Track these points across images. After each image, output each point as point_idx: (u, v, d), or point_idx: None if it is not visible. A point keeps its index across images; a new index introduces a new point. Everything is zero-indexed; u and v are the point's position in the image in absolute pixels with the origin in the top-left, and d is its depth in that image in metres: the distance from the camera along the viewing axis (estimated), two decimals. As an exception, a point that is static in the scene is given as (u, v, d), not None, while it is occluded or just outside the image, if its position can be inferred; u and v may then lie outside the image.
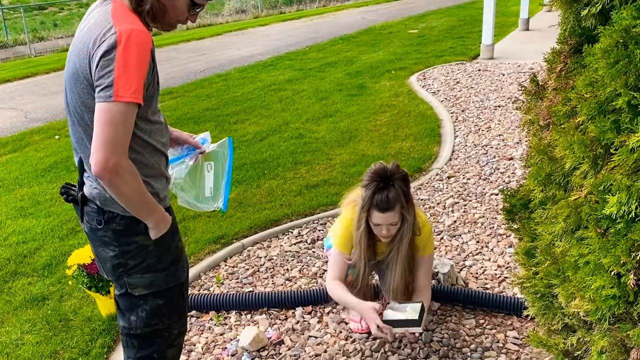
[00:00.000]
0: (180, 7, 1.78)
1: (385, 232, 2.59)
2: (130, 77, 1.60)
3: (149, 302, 1.93)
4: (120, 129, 1.61)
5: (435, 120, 6.57)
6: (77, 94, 1.72)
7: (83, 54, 1.67)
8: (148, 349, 2.01)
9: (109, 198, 1.76)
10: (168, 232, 1.88)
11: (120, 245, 1.83)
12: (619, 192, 1.47)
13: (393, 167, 2.56)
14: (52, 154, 6.33)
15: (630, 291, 1.47)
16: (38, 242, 4.18)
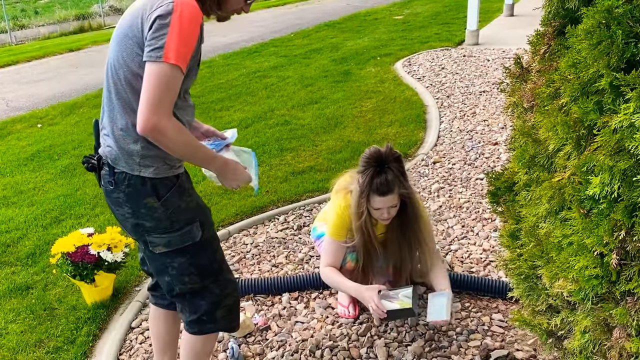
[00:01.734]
0: (235, 1, 1.91)
1: (386, 215, 2.60)
2: (180, 43, 1.69)
3: (174, 261, 1.99)
4: (164, 89, 1.69)
5: (420, 106, 6.57)
6: (120, 52, 1.80)
7: (137, 15, 1.76)
8: (195, 311, 2.08)
9: (119, 156, 1.86)
10: (176, 192, 1.92)
11: (132, 206, 1.90)
12: (601, 173, 1.48)
13: (387, 149, 2.56)
14: (34, 142, 6.26)
15: (612, 271, 1.49)
16: (21, 231, 4.14)
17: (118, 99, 1.84)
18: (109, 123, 1.89)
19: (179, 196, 1.93)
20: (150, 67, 1.70)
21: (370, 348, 2.73)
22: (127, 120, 1.83)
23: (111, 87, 1.86)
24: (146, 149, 1.84)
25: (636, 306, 1.49)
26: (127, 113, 1.83)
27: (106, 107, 1.92)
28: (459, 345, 2.70)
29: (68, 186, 4.94)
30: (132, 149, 1.85)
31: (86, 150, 5.85)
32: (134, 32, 1.77)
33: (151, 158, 1.86)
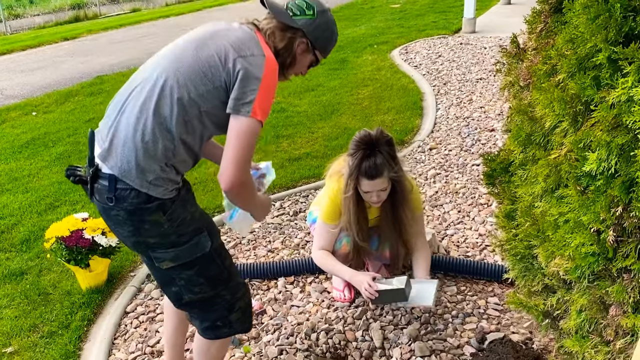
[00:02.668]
0: (305, 62, 2.02)
1: (375, 198, 2.58)
2: (266, 100, 1.78)
3: (182, 273, 1.92)
4: (249, 146, 1.77)
5: (417, 94, 6.54)
6: (189, 81, 1.78)
7: (220, 54, 1.79)
8: (209, 318, 2.02)
9: (132, 169, 1.75)
10: (180, 204, 1.85)
11: (134, 223, 1.81)
12: (598, 149, 1.46)
13: (377, 132, 2.53)
14: (29, 130, 6.22)
15: (609, 247, 1.47)
16: (16, 217, 4.11)
17: (156, 113, 1.77)
18: (131, 131, 1.77)
19: (183, 207, 1.86)
20: (237, 122, 1.76)
21: (366, 331, 2.72)
22: (159, 138, 1.77)
23: (152, 98, 1.78)
24: (164, 172, 1.80)
25: (632, 283, 1.48)
26: (160, 131, 1.77)
27: (129, 114, 1.80)
28: (455, 328, 2.70)
29: (63, 173, 4.90)
30: (150, 167, 1.77)
31: (81, 137, 5.82)
32: (215, 72, 1.78)
33: (163, 180, 1.80)
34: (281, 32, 1.92)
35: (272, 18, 1.94)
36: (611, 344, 1.65)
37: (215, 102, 1.80)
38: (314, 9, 1.96)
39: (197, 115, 1.81)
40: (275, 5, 1.97)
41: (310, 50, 1.99)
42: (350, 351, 2.64)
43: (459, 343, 2.60)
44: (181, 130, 1.79)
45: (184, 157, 1.84)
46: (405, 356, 2.55)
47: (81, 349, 2.77)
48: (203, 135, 1.88)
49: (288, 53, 1.94)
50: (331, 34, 2.03)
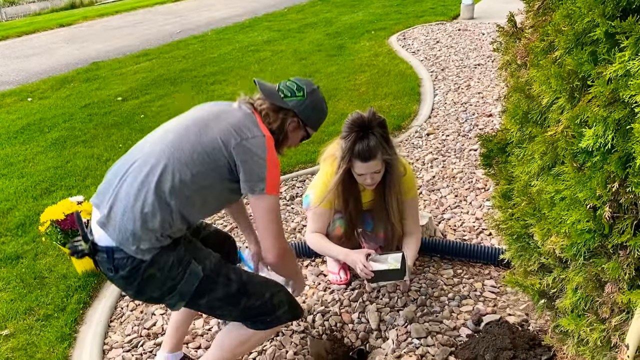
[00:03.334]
0: (297, 138, 2.18)
1: (369, 180, 2.55)
2: (275, 174, 1.92)
3: (197, 305, 2.02)
4: (276, 218, 1.95)
5: (415, 79, 6.51)
6: (191, 164, 1.87)
7: (224, 138, 1.88)
8: (253, 324, 2.08)
9: (128, 237, 1.83)
10: (163, 252, 1.89)
11: (134, 285, 1.91)
12: (595, 124, 1.45)
13: (370, 114, 2.50)
14: (24, 116, 6.19)
15: (605, 224, 1.47)
16: (11, 202, 4.10)
17: (157, 188, 1.85)
18: (131, 201, 1.85)
19: (167, 253, 1.91)
20: (258, 202, 1.92)
21: (362, 313, 2.72)
22: (158, 211, 1.84)
23: (154, 173, 1.86)
24: (159, 241, 1.88)
25: (628, 259, 1.47)
26: (160, 205, 1.85)
27: (130, 184, 1.87)
28: (451, 310, 2.70)
29: (58, 158, 4.90)
30: (146, 236, 1.85)
31: (77, 123, 5.80)
32: (217, 154, 1.88)
33: (156, 248, 1.88)
34: (274, 113, 2.05)
35: (265, 99, 2.07)
36: (607, 321, 1.64)
37: (217, 181, 1.92)
38: (304, 90, 2.10)
39: (198, 192, 1.91)
40: (267, 88, 2.11)
41: (302, 127, 2.15)
42: (347, 333, 2.65)
43: (455, 325, 2.60)
44: (181, 205, 1.88)
45: (180, 227, 1.93)
46: (402, 337, 2.55)
47: (77, 331, 2.77)
48: (203, 210, 2.01)
49: (281, 132, 2.08)
50: (320, 111, 2.18)
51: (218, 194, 1.98)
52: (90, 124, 5.77)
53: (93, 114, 6.07)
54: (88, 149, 5.08)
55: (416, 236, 2.79)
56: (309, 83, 2.15)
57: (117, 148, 5.05)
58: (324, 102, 2.20)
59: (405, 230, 2.75)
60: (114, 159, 4.77)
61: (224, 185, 1.94)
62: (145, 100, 6.45)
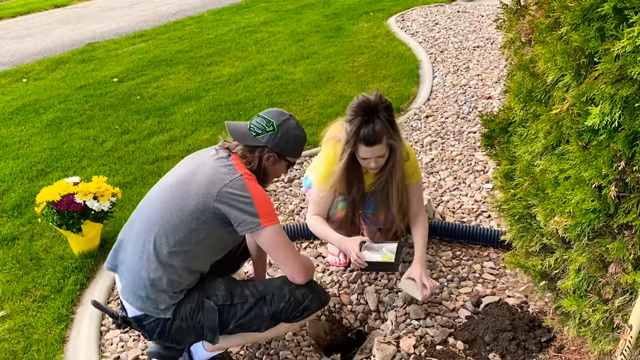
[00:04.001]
0: (280, 169, 2.21)
1: (373, 164, 2.51)
2: (266, 205, 1.98)
3: (231, 330, 2.10)
4: (285, 244, 2.04)
5: (413, 61, 6.46)
6: (180, 225, 1.96)
7: (206, 195, 1.95)
8: (289, 321, 2.14)
9: (148, 307, 2.00)
10: (181, 303, 2.03)
11: (169, 341, 2.07)
12: (602, 102, 1.42)
13: (376, 98, 2.44)
14: (19, 97, 6.12)
15: (610, 203, 1.44)
16: (7, 183, 4.06)
17: (157, 254, 1.97)
18: (136, 271, 2.00)
19: (184, 304, 2.03)
20: (261, 238, 1.99)
21: (361, 294, 2.71)
22: (163, 274, 1.97)
23: (149, 240, 1.99)
24: (173, 298, 2.00)
25: (633, 239, 1.45)
26: (163, 267, 1.98)
27: (132, 255, 2.02)
28: (450, 291, 2.69)
29: (54, 140, 4.85)
30: (160, 297, 1.99)
31: (72, 104, 5.74)
32: (204, 208, 1.95)
33: (173, 305, 2.01)
34: (249, 154, 2.10)
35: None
36: (610, 302, 1.63)
37: (213, 231, 1.99)
38: (274, 124, 2.11)
39: (197, 245, 1.99)
40: (237, 131, 2.13)
41: (281, 158, 2.17)
42: (345, 314, 2.63)
43: (454, 306, 2.59)
44: (184, 262, 1.98)
45: (191, 280, 2.04)
46: (400, 319, 2.54)
47: (74, 312, 2.75)
48: (210, 256, 2.09)
49: (259, 170, 2.12)
50: (295, 139, 2.18)
51: (220, 239, 2.06)
52: (86, 105, 5.71)
53: (89, 95, 6.01)
54: (84, 130, 5.03)
55: (423, 221, 2.73)
56: (279, 115, 2.16)
57: (114, 129, 5.00)
58: (298, 129, 2.19)
59: (411, 212, 2.72)
60: (110, 140, 4.76)
61: (222, 232, 2.01)
62: (142, 81, 6.38)
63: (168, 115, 5.28)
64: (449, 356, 2.28)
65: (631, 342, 1.48)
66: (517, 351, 2.27)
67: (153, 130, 4.92)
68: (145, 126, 5.04)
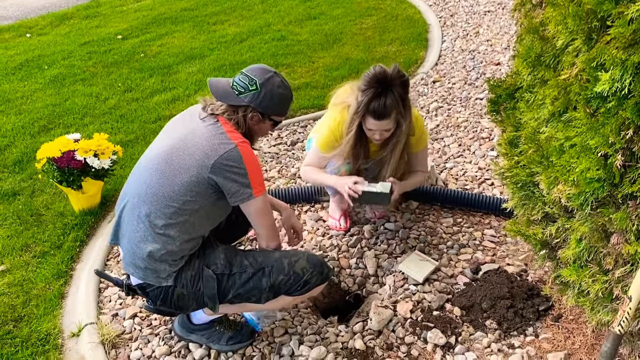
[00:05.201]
0: (265, 129, 2.15)
1: (378, 136, 2.48)
2: (257, 176, 1.96)
3: (231, 302, 2.09)
4: (267, 214, 2.06)
5: (422, 25, 6.33)
6: (174, 194, 1.93)
7: (199, 163, 1.91)
8: (289, 294, 2.10)
9: (149, 276, 2.00)
10: (182, 269, 2.02)
11: (172, 307, 2.08)
12: (612, 68, 1.38)
13: (394, 71, 2.35)
14: (22, 52, 6.04)
15: (616, 172, 1.41)
16: (8, 139, 4.04)
17: (152, 225, 1.95)
18: (135, 243, 1.99)
19: (185, 271, 2.02)
20: (249, 207, 1.99)
21: (360, 259, 2.70)
22: (160, 245, 1.96)
23: (142, 211, 1.97)
24: (173, 266, 2.00)
25: (637, 210, 1.42)
26: (161, 238, 1.96)
27: (129, 228, 2.02)
28: (449, 258, 2.68)
29: (57, 96, 4.80)
30: (160, 267, 1.99)
31: (76, 60, 5.67)
32: (199, 182, 1.92)
33: (174, 272, 2.01)
34: (234, 113, 2.03)
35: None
36: (610, 272, 1.61)
37: (209, 200, 1.97)
38: (256, 82, 2.02)
39: (193, 214, 1.96)
40: (219, 89, 2.05)
41: (266, 118, 2.09)
42: (344, 277, 2.63)
43: (453, 272, 2.58)
44: (181, 231, 1.96)
45: (190, 247, 2.02)
46: (399, 284, 2.54)
47: (73, 269, 2.76)
48: (208, 223, 2.06)
49: (245, 128, 2.05)
50: (279, 98, 2.08)
51: (216, 208, 2.02)
52: (89, 62, 5.64)
53: (92, 52, 5.93)
54: (87, 87, 4.98)
55: (419, 174, 2.75)
56: (262, 72, 2.05)
57: (116, 87, 4.95)
58: (283, 87, 2.08)
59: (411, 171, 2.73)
60: (112, 98, 4.71)
61: (217, 201, 1.99)
62: (146, 39, 6.29)
63: (172, 74, 5.21)
64: (445, 322, 2.28)
65: (629, 313, 1.47)
66: (514, 319, 2.27)
67: (156, 89, 4.86)
68: (149, 84, 4.98)
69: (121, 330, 2.38)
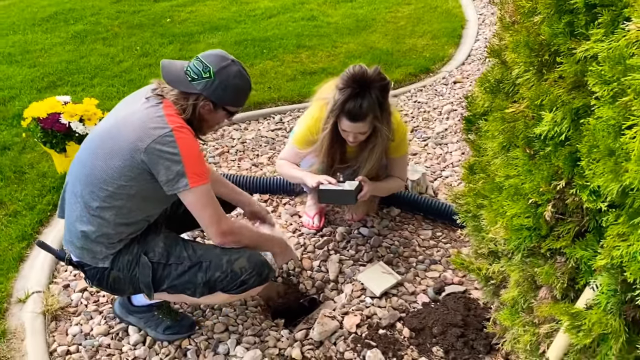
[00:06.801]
0: (217, 119, 2.02)
1: (352, 138, 2.39)
2: (196, 164, 1.85)
3: (165, 291, 2.04)
4: (208, 205, 1.92)
5: (460, 20, 6.10)
6: (117, 168, 1.85)
7: (133, 147, 1.82)
8: (226, 292, 2.03)
9: (85, 257, 1.97)
10: (119, 253, 1.97)
11: (108, 289, 2.05)
12: (555, 109, 1.24)
13: (374, 73, 2.26)
14: (55, 3, 6.10)
15: (543, 224, 1.28)
16: (15, 90, 4.07)
17: (87, 206, 1.91)
18: (73, 223, 1.96)
19: (122, 255, 1.97)
20: (185, 198, 1.88)
21: (324, 262, 2.61)
22: (96, 228, 1.91)
23: (80, 193, 1.92)
24: (109, 248, 1.95)
25: (563, 268, 1.30)
26: (96, 221, 1.91)
27: (69, 209, 1.98)
28: (416, 273, 2.56)
29: (74, 52, 4.82)
30: (95, 248, 1.94)
31: (103, 19, 5.68)
32: (133, 166, 1.83)
33: (111, 254, 1.96)
34: (183, 100, 1.91)
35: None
36: (538, 326, 1.49)
37: (145, 185, 1.87)
38: (210, 70, 1.89)
39: (129, 199, 1.89)
40: (171, 73, 1.94)
41: (218, 108, 1.97)
42: (304, 279, 2.55)
43: (415, 290, 2.47)
44: (117, 216, 1.90)
45: (129, 231, 1.96)
46: (356, 294, 2.44)
47: (40, 232, 2.76)
48: (147, 211, 1.98)
49: (194, 117, 1.94)
50: (235, 89, 1.95)
51: (155, 193, 1.91)
52: (115, 21, 5.65)
53: (121, 11, 5.94)
54: (105, 47, 4.98)
55: (391, 181, 2.67)
56: (219, 59, 1.92)
57: (134, 50, 4.94)
58: (241, 77, 1.95)
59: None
60: (127, 61, 4.70)
61: (155, 186, 1.88)
62: (177, 3, 6.26)
63: (192, 43, 5.16)
64: (389, 342, 2.18)
65: (544, 376, 1.35)
66: (463, 349, 2.15)
67: (172, 57, 4.82)
68: (166, 51, 4.95)
69: (67, 302, 2.36)
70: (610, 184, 1.02)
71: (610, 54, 1.03)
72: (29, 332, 2.21)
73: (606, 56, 1.03)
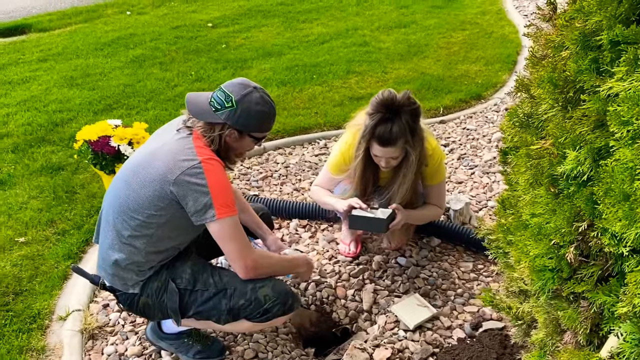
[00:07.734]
0: (245, 146, 2.06)
1: (384, 163, 2.40)
2: (224, 195, 1.88)
3: (191, 317, 2.07)
4: (235, 238, 1.93)
5: (515, 46, 5.99)
6: (148, 198, 1.91)
7: (163, 178, 1.88)
8: (249, 320, 2.04)
9: (116, 283, 2.03)
10: (148, 280, 2.02)
11: (138, 314, 2.13)
12: (579, 148, 1.20)
13: (403, 98, 2.27)
14: (118, 29, 6.37)
15: (565, 266, 1.23)
16: (73, 112, 4.26)
17: (119, 235, 1.97)
18: (105, 250, 2.02)
19: (152, 282, 2.02)
20: (213, 229, 1.91)
21: (358, 291, 2.59)
22: (127, 256, 1.97)
23: (111, 222, 1.99)
24: (139, 275, 2.00)
25: (587, 313, 1.24)
26: (127, 249, 1.97)
27: (103, 236, 2.05)
28: (454, 307, 2.50)
29: (132, 76, 5.01)
30: (126, 275, 2.00)
31: (161, 43, 5.88)
32: (163, 196, 1.89)
33: (141, 281, 2.01)
34: (210, 131, 1.95)
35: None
36: (565, 372, 1.42)
37: (175, 214, 1.92)
38: (232, 99, 1.93)
39: (160, 228, 1.94)
40: (195, 105, 1.98)
41: (244, 135, 2.00)
42: (337, 308, 2.53)
43: (451, 324, 2.41)
44: (148, 244, 1.95)
45: (159, 259, 2.00)
46: (389, 326, 2.40)
47: (85, 251, 2.85)
48: (178, 239, 2.02)
49: (221, 147, 1.98)
50: (257, 116, 1.97)
51: (185, 222, 1.94)
52: (173, 46, 5.84)
53: (180, 36, 6.14)
54: (162, 72, 5.15)
55: (432, 207, 2.65)
56: (240, 87, 1.95)
57: (189, 75, 5.08)
58: (264, 103, 1.97)
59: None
60: (181, 86, 4.84)
61: (185, 215, 1.92)
62: (233, 30, 6.42)
63: (245, 69, 5.28)
64: (419, 378, 2.13)
65: None
66: (495, 389, 2.08)
67: (224, 82, 4.94)
68: (219, 77, 5.07)
69: (105, 322, 2.43)
70: (627, 230, 0.97)
71: (630, 94, 0.99)
72: (66, 349, 2.28)
73: (625, 96, 0.99)
